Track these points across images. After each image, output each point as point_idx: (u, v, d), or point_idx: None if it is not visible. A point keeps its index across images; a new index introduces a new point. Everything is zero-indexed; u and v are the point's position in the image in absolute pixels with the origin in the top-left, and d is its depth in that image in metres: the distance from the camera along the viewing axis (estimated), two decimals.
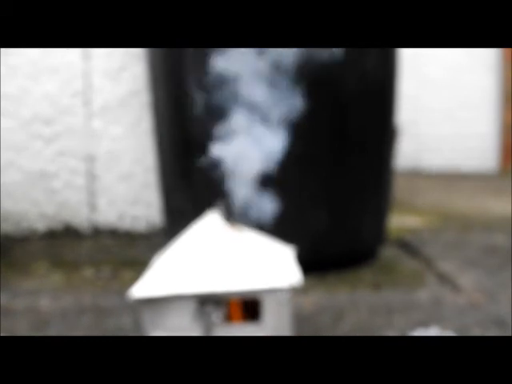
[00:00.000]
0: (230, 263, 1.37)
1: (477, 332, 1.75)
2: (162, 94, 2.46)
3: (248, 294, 1.34)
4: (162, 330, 1.36)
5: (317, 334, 1.78)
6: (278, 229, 1.71)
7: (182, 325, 1.35)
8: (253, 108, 1.67)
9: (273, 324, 1.33)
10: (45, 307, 2.06)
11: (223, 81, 1.85)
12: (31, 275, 2.46)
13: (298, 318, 1.91)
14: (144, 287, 1.38)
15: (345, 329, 1.82)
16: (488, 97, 5.51)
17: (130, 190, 3.08)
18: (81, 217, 3.09)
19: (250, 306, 1.39)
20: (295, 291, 1.35)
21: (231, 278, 1.34)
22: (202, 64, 2.18)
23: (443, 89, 5.43)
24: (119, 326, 1.87)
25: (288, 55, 1.71)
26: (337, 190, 2.34)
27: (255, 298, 1.34)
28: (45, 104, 2.95)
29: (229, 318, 1.35)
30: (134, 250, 2.83)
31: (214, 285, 1.33)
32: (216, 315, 1.30)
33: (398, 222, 3.19)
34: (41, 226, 3.07)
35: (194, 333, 1.33)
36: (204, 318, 1.31)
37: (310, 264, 2.23)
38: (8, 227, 3.06)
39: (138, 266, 2.60)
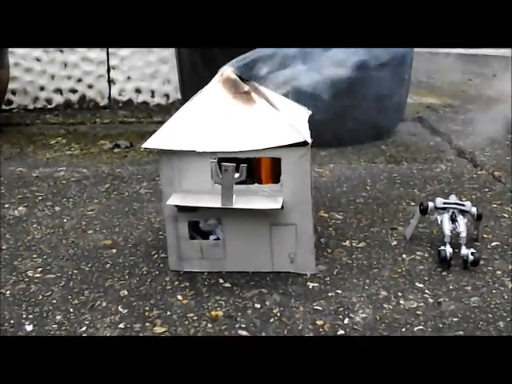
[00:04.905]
0: (246, 122, 1.32)
1: (495, 204, 1.74)
2: None
3: (266, 152, 1.30)
4: (179, 191, 1.34)
5: (334, 202, 1.78)
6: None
7: (200, 183, 1.33)
8: None
9: (292, 184, 1.31)
10: (63, 175, 2.06)
11: None
12: (49, 147, 2.45)
13: (317, 185, 1.92)
14: (161, 140, 1.34)
15: (362, 197, 1.81)
16: None
17: (148, 64, 3.03)
18: (98, 90, 3.06)
19: (272, 172, 1.36)
20: (315, 162, 1.31)
21: (248, 137, 1.31)
22: None
23: None
24: (136, 193, 1.88)
25: None
26: None
27: (274, 158, 1.31)
28: None
29: (250, 180, 1.32)
30: (150, 123, 2.81)
31: (232, 143, 1.30)
32: (236, 174, 1.28)
33: (418, 100, 3.15)
34: (58, 99, 3.05)
35: (212, 193, 1.31)
36: (224, 177, 1.28)
37: (329, 137, 2.21)
38: (26, 101, 3.04)
39: None
